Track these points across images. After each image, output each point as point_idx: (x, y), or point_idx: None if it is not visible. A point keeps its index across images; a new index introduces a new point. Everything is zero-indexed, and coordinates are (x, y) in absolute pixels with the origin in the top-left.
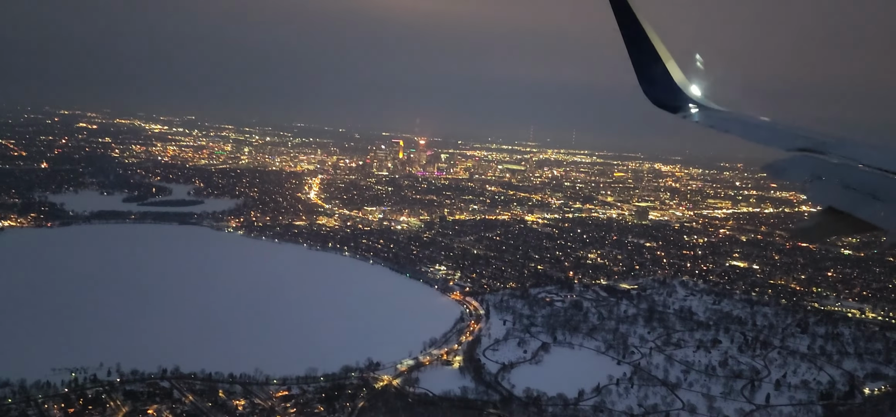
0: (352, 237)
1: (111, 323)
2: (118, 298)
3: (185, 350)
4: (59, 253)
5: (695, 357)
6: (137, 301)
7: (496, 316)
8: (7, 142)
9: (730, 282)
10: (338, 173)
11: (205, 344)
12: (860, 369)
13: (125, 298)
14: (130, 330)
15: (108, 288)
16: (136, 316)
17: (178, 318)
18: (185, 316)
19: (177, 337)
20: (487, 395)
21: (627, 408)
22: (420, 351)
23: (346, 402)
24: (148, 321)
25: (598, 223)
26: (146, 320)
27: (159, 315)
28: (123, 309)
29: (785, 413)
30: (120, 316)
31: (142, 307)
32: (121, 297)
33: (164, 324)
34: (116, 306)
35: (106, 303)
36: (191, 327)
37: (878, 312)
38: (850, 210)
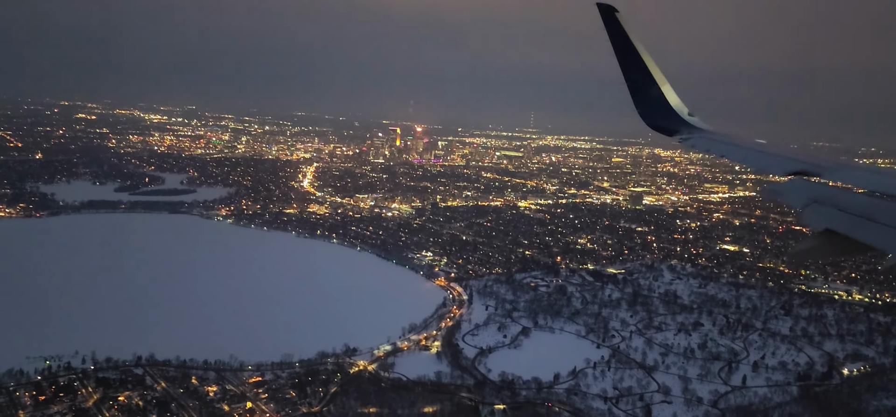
0: (341, 224)
1: (89, 312)
2: (98, 287)
3: (162, 337)
4: (43, 243)
5: (675, 340)
6: (117, 289)
7: (479, 301)
8: (3, 132)
9: (718, 266)
10: (333, 161)
11: (182, 331)
12: (841, 350)
13: (105, 287)
14: (108, 318)
15: (88, 277)
16: (115, 305)
17: (156, 306)
18: (164, 304)
19: (154, 325)
20: (462, 379)
21: (602, 391)
22: (398, 337)
23: (319, 388)
24: (126, 309)
25: (591, 208)
26: (124, 308)
27: (138, 303)
28: (102, 297)
29: (760, 395)
30: (98, 305)
31: (121, 295)
32: (101, 286)
33: (142, 312)
34: (95, 295)
35: (85, 292)
36: (169, 315)
37: (865, 294)
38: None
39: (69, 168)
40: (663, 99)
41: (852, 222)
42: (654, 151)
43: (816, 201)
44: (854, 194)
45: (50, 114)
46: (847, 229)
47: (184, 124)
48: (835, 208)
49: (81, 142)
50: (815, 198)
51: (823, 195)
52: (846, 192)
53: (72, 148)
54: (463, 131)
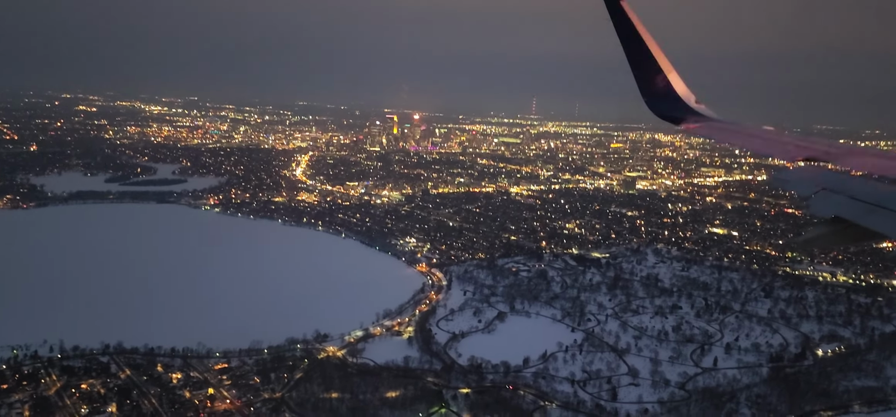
0: (328, 212)
1: (61, 301)
2: (72, 276)
3: (133, 325)
4: (22, 234)
5: (650, 323)
6: (90, 279)
7: (458, 286)
8: (1, 126)
9: (704, 249)
10: (330, 150)
11: (153, 319)
12: (818, 331)
13: (78, 276)
14: (79, 307)
15: (62, 267)
16: (87, 294)
17: (129, 295)
18: (137, 292)
19: (126, 314)
20: (430, 364)
21: (570, 374)
22: (372, 323)
23: (285, 373)
24: (98, 298)
25: (583, 193)
26: (97, 297)
27: (111, 292)
28: (75, 287)
29: (730, 376)
30: (70, 294)
31: (94, 285)
32: (74, 276)
33: (115, 301)
34: (69, 284)
35: (58, 282)
36: (141, 303)
37: (850, 276)
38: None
39: (62, 159)
40: (670, 87)
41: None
42: (654, 136)
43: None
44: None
45: (50, 107)
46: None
47: (183, 115)
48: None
49: (78, 133)
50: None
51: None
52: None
53: (68, 139)
54: (464, 118)
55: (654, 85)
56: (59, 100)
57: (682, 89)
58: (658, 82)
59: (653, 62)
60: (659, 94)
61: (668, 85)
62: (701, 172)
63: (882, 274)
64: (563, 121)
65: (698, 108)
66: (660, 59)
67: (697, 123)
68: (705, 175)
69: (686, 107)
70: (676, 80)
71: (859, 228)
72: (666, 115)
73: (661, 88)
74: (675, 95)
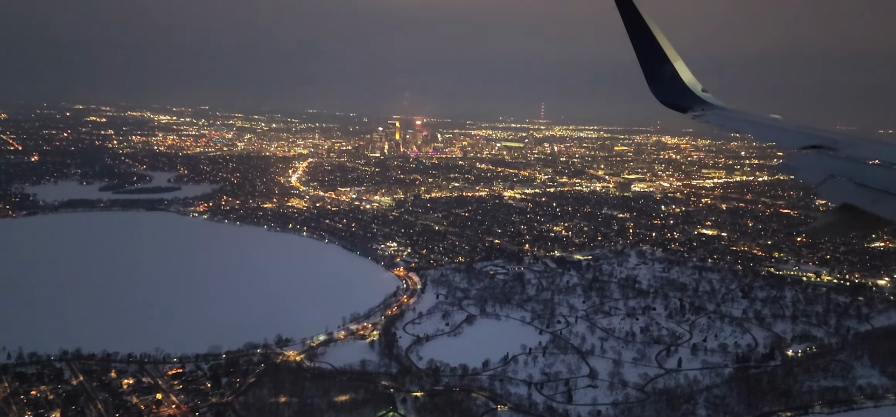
0: (315, 217)
1: (25, 308)
2: (41, 284)
3: (95, 331)
4: (2, 242)
5: (621, 324)
6: (60, 285)
7: (432, 289)
8: (7, 136)
9: (690, 250)
10: (330, 156)
11: (117, 324)
12: (791, 331)
13: (48, 283)
14: (43, 313)
15: (34, 274)
16: (53, 300)
17: (96, 301)
18: (105, 298)
19: (89, 319)
20: (387, 368)
21: (528, 377)
22: (338, 326)
23: (237, 378)
24: (65, 304)
25: (577, 196)
26: (63, 303)
27: (78, 298)
28: (42, 293)
29: (691, 377)
30: (37, 301)
31: (62, 291)
32: (44, 283)
33: (81, 307)
34: (37, 291)
35: (26, 289)
36: (107, 309)
37: (835, 275)
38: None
39: (60, 169)
40: (676, 76)
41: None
42: (660, 139)
43: (833, 176)
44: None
45: (60, 118)
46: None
47: (190, 124)
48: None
49: (83, 143)
50: (831, 172)
51: (840, 169)
52: (863, 166)
53: (72, 149)
54: (472, 124)
55: (661, 74)
56: (70, 111)
57: (688, 78)
58: (664, 71)
59: (659, 51)
60: (665, 83)
61: (674, 74)
62: (701, 174)
63: (868, 274)
64: (572, 125)
65: (704, 97)
66: (666, 49)
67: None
68: (705, 176)
69: (692, 95)
70: (683, 69)
71: (868, 215)
72: (672, 104)
73: (667, 77)
74: (681, 84)
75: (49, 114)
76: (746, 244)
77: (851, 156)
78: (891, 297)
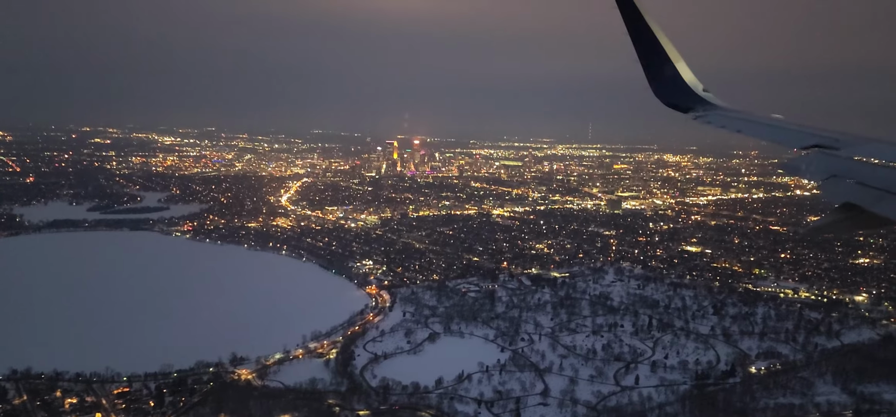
0: (298, 236)
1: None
2: (2, 304)
3: (49, 350)
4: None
5: (584, 341)
6: (20, 305)
7: (400, 307)
8: (7, 158)
9: (671, 267)
10: (327, 176)
11: (72, 343)
12: (757, 348)
13: (7, 303)
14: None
15: None
16: (11, 320)
17: (55, 320)
18: (65, 317)
19: (46, 339)
20: (338, 386)
21: (480, 395)
22: (297, 345)
23: (182, 397)
24: (21, 324)
25: (566, 214)
26: (20, 324)
27: (37, 318)
28: (3, 313)
29: (645, 395)
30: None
31: (22, 311)
32: (5, 303)
33: (39, 327)
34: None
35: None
36: (65, 328)
37: (813, 292)
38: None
39: (52, 189)
40: (678, 76)
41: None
42: (662, 157)
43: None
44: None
45: (65, 140)
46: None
47: (193, 145)
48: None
49: (81, 165)
50: (834, 171)
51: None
52: (866, 165)
53: (69, 171)
54: (475, 143)
55: (662, 74)
56: (76, 134)
57: (689, 77)
58: (666, 71)
59: (660, 51)
60: (667, 83)
61: (675, 74)
62: (697, 191)
63: (847, 290)
64: (575, 144)
65: (706, 97)
66: (667, 48)
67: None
68: (700, 194)
69: (693, 95)
70: (684, 69)
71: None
72: (673, 104)
73: (668, 77)
74: (682, 84)
75: (55, 136)
76: (728, 261)
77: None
78: (866, 314)
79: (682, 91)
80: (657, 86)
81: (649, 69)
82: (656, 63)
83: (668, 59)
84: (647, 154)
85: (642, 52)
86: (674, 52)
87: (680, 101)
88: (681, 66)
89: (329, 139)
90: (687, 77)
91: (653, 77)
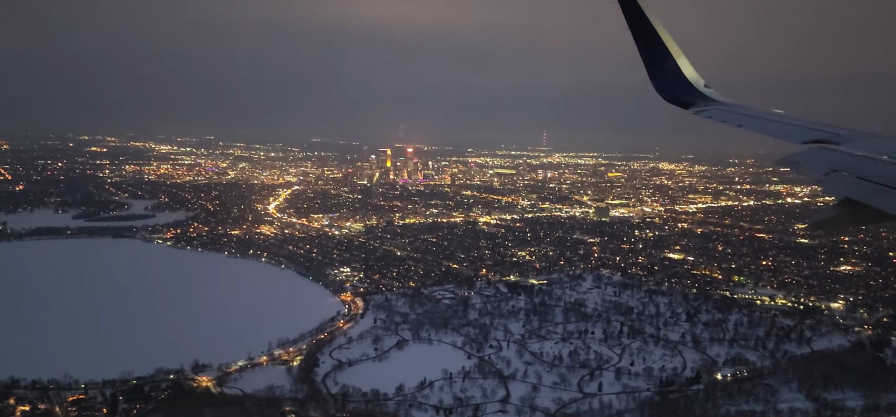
0: (279, 244)
1: None
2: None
3: (5, 358)
4: None
5: (552, 348)
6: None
7: (372, 314)
8: (1, 167)
9: (651, 274)
10: (318, 184)
11: (31, 351)
12: (725, 354)
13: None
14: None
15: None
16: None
17: (19, 327)
18: (30, 324)
19: (3, 346)
20: (298, 393)
21: (439, 402)
22: (262, 352)
23: (136, 405)
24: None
25: (554, 222)
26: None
27: (1, 324)
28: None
29: (606, 402)
30: None
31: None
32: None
33: (2, 334)
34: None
35: None
36: (29, 335)
37: (790, 299)
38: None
39: (40, 197)
40: (679, 71)
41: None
42: (658, 165)
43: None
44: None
45: (62, 148)
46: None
47: (189, 154)
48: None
49: (74, 173)
50: (834, 166)
51: (843, 163)
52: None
53: (61, 179)
54: (473, 151)
55: (663, 69)
56: (74, 142)
57: (690, 73)
58: (667, 67)
59: (662, 47)
60: (668, 79)
61: (676, 69)
62: (687, 199)
63: (825, 297)
64: (573, 152)
65: (706, 92)
66: (668, 43)
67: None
68: (690, 201)
69: (695, 90)
70: (685, 64)
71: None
72: (674, 99)
73: (669, 73)
74: (684, 79)
75: (53, 144)
76: (709, 268)
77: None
78: (840, 321)
79: (684, 86)
80: (658, 82)
81: (650, 65)
82: (657, 59)
83: (669, 54)
84: (643, 162)
85: (643, 48)
86: (675, 48)
87: (681, 97)
88: (682, 62)
89: (327, 148)
90: (688, 72)
91: (654, 73)
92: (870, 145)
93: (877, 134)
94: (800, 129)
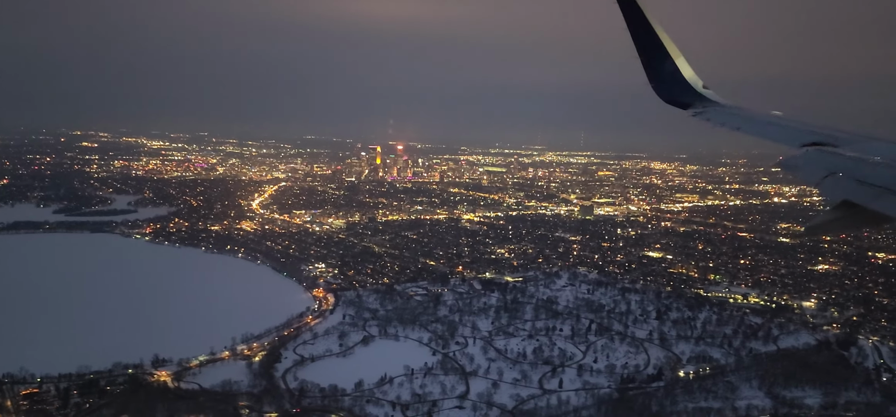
0: (258, 239)
1: None
2: None
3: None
4: None
5: (518, 345)
6: None
7: (341, 310)
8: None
9: (626, 272)
10: (306, 180)
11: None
12: (690, 352)
13: None
14: None
15: None
16: None
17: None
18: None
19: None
20: (253, 388)
21: (397, 397)
22: (225, 347)
23: (89, 399)
24: None
25: (537, 219)
26: None
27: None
28: None
29: (564, 398)
30: None
31: None
32: None
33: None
34: None
35: None
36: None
37: (763, 297)
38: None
39: (21, 192)
40: (677, 72)
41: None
42: (649, 164)
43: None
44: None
45: (53, 143)
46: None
47: (180, 150)
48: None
49: (61, 168)
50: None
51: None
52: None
53: (47, 173)
54: (467, 149)
55: (662, 70)
56: (65, 138)
57: (689, 74)
58: (665, 67)
59: (660, 46)
60: (666, 80)
61: (675, 70)
62: (674, 198)
63: (799, 296)
64: (566, 151)
65: (706, 93)
66: (667, 44)
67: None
68: (677, 201)
69: (693, 91)
70: (684, 65)
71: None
72: (673, 101)
73: (668, 73)
74: (682, 80)
75: (44, 139)
76: (686, 266)
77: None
78: (810, 319)
79: (682, 87)
80: (657, 83)
81: (649, 65)
82: (656, 59)
83: (667, 54)
84: (635, 161)
85: (642, 49)
86: (673, 48)
87: (679, 97)
88: (680, 62)
89: (320, 144)
90: (687, 73)
91: (652, 73)
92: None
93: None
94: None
